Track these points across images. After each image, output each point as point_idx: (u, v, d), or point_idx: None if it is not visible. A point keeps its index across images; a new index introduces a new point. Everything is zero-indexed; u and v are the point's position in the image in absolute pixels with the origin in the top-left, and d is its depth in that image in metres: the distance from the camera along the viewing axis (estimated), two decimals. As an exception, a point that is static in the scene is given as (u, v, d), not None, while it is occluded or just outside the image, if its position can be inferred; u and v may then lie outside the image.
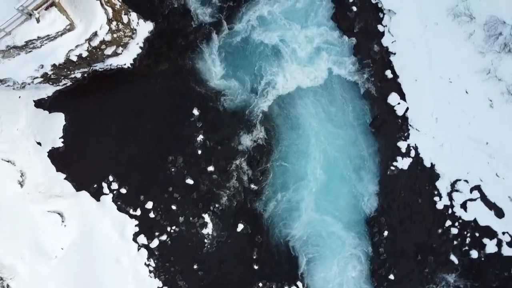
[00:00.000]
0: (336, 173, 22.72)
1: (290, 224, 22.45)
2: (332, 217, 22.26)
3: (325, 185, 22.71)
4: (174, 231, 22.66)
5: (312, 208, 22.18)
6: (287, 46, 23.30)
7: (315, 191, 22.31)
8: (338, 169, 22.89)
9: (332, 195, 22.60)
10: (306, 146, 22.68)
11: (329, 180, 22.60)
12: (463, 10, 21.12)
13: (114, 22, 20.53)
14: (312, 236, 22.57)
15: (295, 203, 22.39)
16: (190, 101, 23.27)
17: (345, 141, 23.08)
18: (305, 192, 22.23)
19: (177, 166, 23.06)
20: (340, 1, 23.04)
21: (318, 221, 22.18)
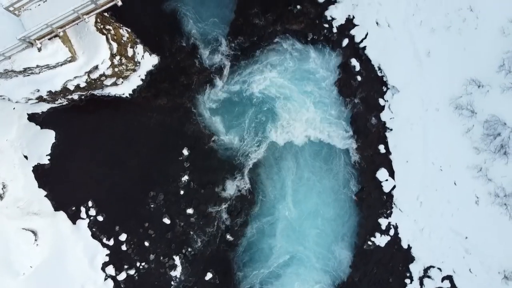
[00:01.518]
0: (312, 239, 22.81)
1: (260, 285, 22.70)
2: (302, 283, 22.58)
3: (300, 249, 22.84)
4: (143, 267, 22.74)
5: (286, 272, 22.36)
6: (285, 101, 23.04)
7: (291, 256, 22.30)
8: (315, 235, 23.10)
9: (306, 261, 22.65)
10: (288, 208, 22.55)
11: (305, 245, 22.48)
12: (465, 104, 20.94)
13: (117, 56, 20.58)
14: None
15: (269, 264, 22.59)
16: (182, 140, 23.17)
17: (328, 207, 23.02)
18: (280, 256, 22.26)
19: (157, 203, 23.08)
20: (346, 68, 22.73)
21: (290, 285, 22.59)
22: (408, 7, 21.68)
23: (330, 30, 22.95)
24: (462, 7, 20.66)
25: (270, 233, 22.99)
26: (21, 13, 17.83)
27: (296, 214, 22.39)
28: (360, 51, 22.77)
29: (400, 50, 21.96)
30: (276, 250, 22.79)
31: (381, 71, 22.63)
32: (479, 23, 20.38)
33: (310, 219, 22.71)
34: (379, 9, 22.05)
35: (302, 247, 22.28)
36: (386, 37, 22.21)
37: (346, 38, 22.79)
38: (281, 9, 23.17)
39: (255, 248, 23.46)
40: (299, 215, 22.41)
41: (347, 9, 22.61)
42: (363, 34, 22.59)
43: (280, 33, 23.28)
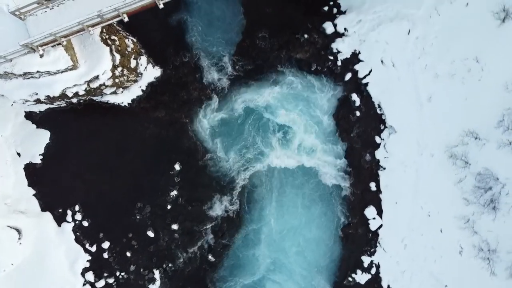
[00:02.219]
0: (295, 269, 22.70)
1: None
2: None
3: (281, 276, 22.97)
4: (122, 277, 22.77)
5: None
6: (282, 127, 23.02)
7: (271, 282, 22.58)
8: (298, 264, 23.08)
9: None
10: (273, 233, 22.60)
11: (286, 273, 22.54)
12: (460, 154, 20.79)
13: (119, 68, 20.58)
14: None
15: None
16: (175, 154, 23.19)
17: (313, 238, 23.04)
18: (260, 280, 22.44)
19: (143, 215, 23.06)
20: (346, 102, 22.70)
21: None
22: (415, 49, 21.59)
23: (335, 63, 22.87)
24: (468, 57, 20.52)
25: (253, 258, 22.95)
26: (26, 18, 17.91)
27: (280, 245, 22.47)
28: (362, 87, 22.68)
29: (402, 91, 21.87)
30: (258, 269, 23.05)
31: (380, 109, 22.58)
32: (484, 75, 20.24)
33: (294, 250, 22.74)
34: (386, 48, 21.94)
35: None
36: (390, 77, 22.14)
37: (349, 73, 22.67)
38: (289, 36, 23.11)
39: (237, 268, 23.93)
40: (282, 245, 22.48)
41: (354, 44, 22.53)
42: (367, 70, 22.52)
43: (285, 59, 23.31)
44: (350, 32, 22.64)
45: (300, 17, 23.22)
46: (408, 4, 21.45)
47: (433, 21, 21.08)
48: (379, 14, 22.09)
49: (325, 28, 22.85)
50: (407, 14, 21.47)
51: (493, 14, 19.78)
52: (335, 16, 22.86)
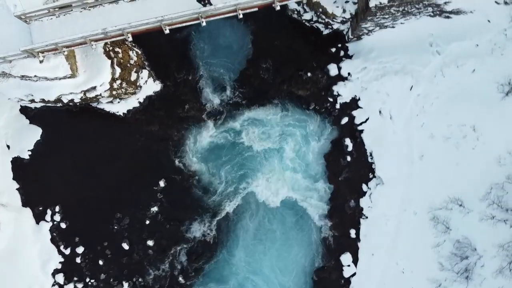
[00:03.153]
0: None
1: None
2: None
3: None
4: (91, 284, 22.78)
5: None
6: (273, 159, 22.90)
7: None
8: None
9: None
10: (246, 266, 22.30)
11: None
12: (443, 218, 20.62)
13: (118, 81, 20.62)
14: None
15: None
16: (161, 171, 23.24)
17: (287, 279, 22.41)
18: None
19: (121, 226, 23.05)
20: (339, 145, 22.68)
21: None
22: (414, 106, 21.43)
23: (333, 105, 22.78)
24: (466, 124, 20.35)
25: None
26: (31, 22, 18.03)
27: (251, 280, 22.07)
28: (357, 133, 22.54)
29: (396, 145, 21.71)
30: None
31: (371, 158, 22.44)
32: (478, 145, 20.07)
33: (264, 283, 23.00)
34: (386, 100, 21.81)
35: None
36: (386, 128, 21.97)
37: (346, 117, 22.55)
38: (292, 71, 23.05)
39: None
40: (254, 280, 22.10)
41: (356, 89, 22.40)
42: (364, 118, 22.37)
43: (285, 94, 23.27)
44: (354, 77, 22.60)
45: (307, 54, 23.21)
46: (415, 61, 21.33)
47: (437, 82, 21.01)
48: (385, 65, 22.00)
49: (329, 70, 22.82)
50: (413, 70, 21.37)
51: (497, 86, 19.69)
52: (341, 59, 22.81)
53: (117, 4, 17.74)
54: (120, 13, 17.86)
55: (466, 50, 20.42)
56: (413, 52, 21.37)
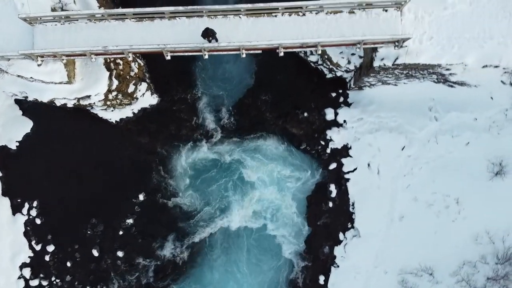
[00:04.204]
0: None
1: None
2: None
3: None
4: (56, 284, 22.83)
5: None
6: (256, 190, 22.66)
7: None
8: None
9: None
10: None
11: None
12: (411, 284, 19.98)
13: (114, 92, 20.58)
14: None
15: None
16: (143, 184, 23.09)
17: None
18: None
19: (95, 232, 23.04)
20: (323, 189, 22.52)
21: None
22: (403, 166, 21.22)
23: (324, 149, 22.65)
24: (450, 195, 20.14)
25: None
26: (35, 25, 18.00)
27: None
28: (342, 181, 22.46)
29: (378, 201, 21.55)
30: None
31: (353, 208, 22.34)
32: (459, 219, 19.90)
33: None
34: (376, 154, 21.64)
35: None
36: (371, 182, 21.86)
37: (335, 163, 22.41)
38: (290, 108, 22.85)
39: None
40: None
41: (348, 138, 22.22)
42: (352, 167, 22.23)
43: (279, 129, 23.13)
44: (349, 126, 22.41)
45: (307, 94, 23.07)
46: (411, 122, 21.10)
47: (429, 147, 20.75)
48: (382, 120, 21.79)
49: (326, 113, 22.62)
50: (408, 131, 21.11)
51: (488, 164, 19.43)
52: (339, 105, 22.64)
53: (123, 22, 17.68)
54: (124, 31, 17.74)
55: (464, 122, 20.23)
56: (411, 113, 21.21)
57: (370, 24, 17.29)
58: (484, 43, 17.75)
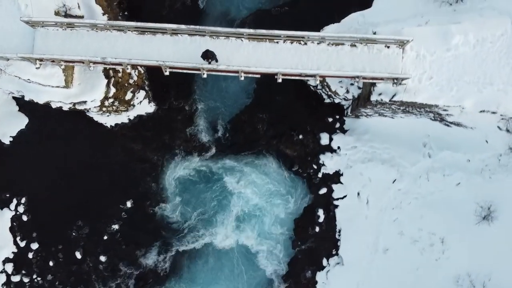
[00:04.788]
0: None
1: None
2: None
3: None
4: (37, 282, 22.81)
5: None
6: (243, 207, 22.55)
7: None
8: None
9: None
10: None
11: None
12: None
13: (110, 99, 20.55)
14: None
15: None
16: (132, 191, 23.00)
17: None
18: None
19: (80, 234, 23.00)
20: (311, 213, 22.38)
21: None
22: (392, 200, 21.11)
23: (316, 173, 22.61)
24: (436, 234, 20.07)
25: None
26: (37, 28, 18.00)
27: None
28: (331, 207, 22.41)
29: (364, 231, 21.49)
30: None
31: (339, 235, 22.26)
32: (442, 258, 19.82)
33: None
34: (367, 184, 21.57)
35: None
36: (359, 211, 21.82)
37: (325, 188, 22.28)
38: (285, 129, 22.78)
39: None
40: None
41: (341, 165, 22.11)
42: (342, 194, 22.15)
43: (273, 149, 23.05)
44: (342, 152, 22.36)
45: (304, 116, 22.94)
46: (404, 156, 21.02)
47: (420, 183, 20.68)
48: (375, 150, 21.73)
49: (321, 138, 22.51)
50: (399, 165, 21.04)
51: (477, 207, 19.30)
52: (335, 131, 22.55)
53: (125, 33, 17.67)
54: (125, 42, 17.67)
55: (457, 162, 20.19)
56: (405, 147, 21.14)
57: (371, 59, 17.43)
58: (483, 88, 17.84)
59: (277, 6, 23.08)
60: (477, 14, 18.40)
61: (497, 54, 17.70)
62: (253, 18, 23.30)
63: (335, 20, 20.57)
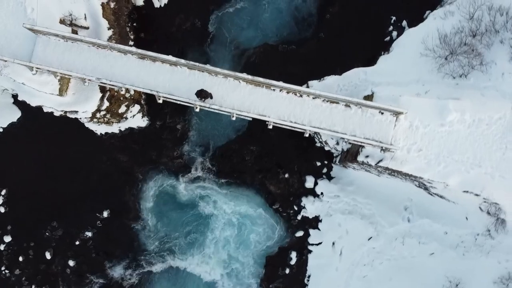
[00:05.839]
0: None
1: None
2: None
3: None
4: (4, 274, 22.82)
5: None
6: (216, 236, 22.56)
7: None
8: None
9: None
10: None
11: None
12: None
13: (103, 112, 20.53)
14: None
15: None
16: (111, 201, 23.00)
17: None
18: None
19: (53, 234, 23.09)
20: (284, 254, 22.08)
21: None
22: (365, 256, 20.89)
23: (296, 214, 22.53)
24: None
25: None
26: (39, 36, 17.93)
27: None
28: (305, 251, 22.42)
29: (333, 282, 21.29)
30: None
31: (307, 281, 22.30)
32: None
33: None
34: (343, 236, 21.55)
35: None
36: (331, 261, 21.75)
37: (302, 231, 22.33)
38: (273, 165, 22.65)
39: None
40: None
41: (321, 211, 21.99)
42: (317, 241, 22.18)
43: (257, 182, 22.95)
44: (324, 199, 22.33)
45: (293, 156, 22.73)
46: (384, 216, 20.95)
47: (394, 245, 20.55)
48: (357, 204, 21.67)
49: (306, 180, 22.44)
50: (378, 223, 21.00)
51: (445, 280, 18.84)
52: (321, 176, 22.48)
53: (125, 55, 17.66)
54: (124, 64, 17.65)
55: (434, 232, 20.03)
56: (387, 207, 21.02)
57: (363, 122, 17.31)
58: (471, 169, 17.67)
59: (285, 43, 23.30)
60: (479, 92, 18.29)
61: (491, 137, 17.62)
62: (260, 50, 23.15)
63: (338, 71, 20.67)
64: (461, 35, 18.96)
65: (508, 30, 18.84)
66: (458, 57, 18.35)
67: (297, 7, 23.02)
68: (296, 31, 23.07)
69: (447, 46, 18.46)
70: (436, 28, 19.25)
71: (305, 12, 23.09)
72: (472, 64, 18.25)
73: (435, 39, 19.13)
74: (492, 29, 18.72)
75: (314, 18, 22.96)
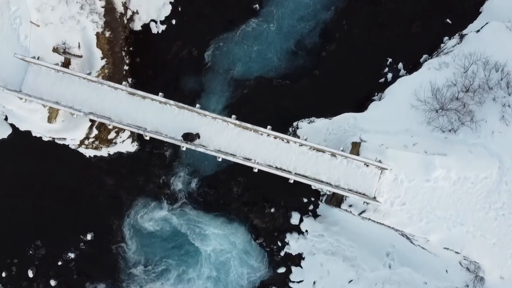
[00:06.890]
0: None
1: None
2: None
3: None
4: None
5: None
6: (197, 273, 22.59)
7: None
8: None
9: None
10: None
11: None
12: None
13: (91, 139, 20.53)
14: None
15: None
16: (95, 224, 22.90)
17: None
18: None
19: (36, 253, 23.07)
20: (265, 287, 23.14)
21: None
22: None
23: (279, 250, 22.53)
24: None
25: None
26: (30, 65, 17.85)
27: None
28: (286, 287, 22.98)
29: (311, 321, 22.03)
30: None
31: (287, 318, 22.79)
32: None
33: None
34: (324, 276, 21.43)
35: None
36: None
37: (284, 267, 22.31)
38: (259, 199, 22.63)
39: None
40: None
41: (305, 249, 21.99)
42: (299, 278, 22.13)
43: (242, 215, 22.97)
44: (309, 237, 22.33)
45: (280, 190, 22.41)
46: (366, 260, 20.76)
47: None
48: (340, 245, 21.60)
49: (292, 216, 22.42)
50: (360, 267, 20.94)
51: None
52: (307, 213, 22.48)
53: (115, 90, 17.66)
54: (114, 99, 17.62)
55: (414, 281, 20.00)
56: (369, 251, 21.07)
57: (348, 173, 17.33)
58: (453, 227, 17.71)
59: (279, 77, 23.28)
60: (467, 149, 18.32)
61: (475, 196, 17.64)
62: (254, 83, 23.12)
63: (328, 115, 20.68)
64: (453, 89, 19.02)
65: (501, 88, 18.95)
66: (448, 112, 18.44)
67: (296, 43, 23.11)
68: (292, 66, 23.23)
69: (438, 101, 18.44)
70: (429, 80, 19.21)
71: (302, 49, 23.24)
72: (462, 120, 18.36)
73: (427, 91, 19.18)
74: (486, 87, 18.82)
75: (311, 55, 23.24)
